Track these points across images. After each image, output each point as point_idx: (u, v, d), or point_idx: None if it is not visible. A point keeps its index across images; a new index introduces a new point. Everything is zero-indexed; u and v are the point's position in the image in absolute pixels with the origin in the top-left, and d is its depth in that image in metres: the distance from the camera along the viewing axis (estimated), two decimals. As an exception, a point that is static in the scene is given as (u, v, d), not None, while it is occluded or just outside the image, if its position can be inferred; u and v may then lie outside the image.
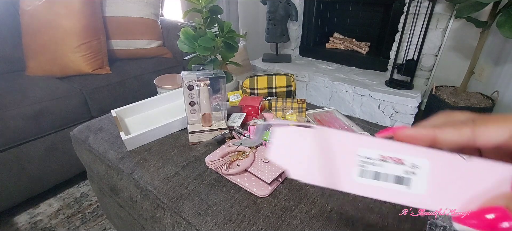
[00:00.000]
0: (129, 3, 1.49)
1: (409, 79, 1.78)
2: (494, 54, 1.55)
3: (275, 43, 2.35)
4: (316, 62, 2.33)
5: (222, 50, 1.26)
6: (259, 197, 0.56)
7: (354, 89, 1.84)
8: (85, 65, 1.28)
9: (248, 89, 0.99)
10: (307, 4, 2.27)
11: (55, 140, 1.13)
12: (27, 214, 1.13)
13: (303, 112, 0.86)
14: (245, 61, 2.12)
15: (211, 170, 0.63)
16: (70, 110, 1.16)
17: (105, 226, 1.07)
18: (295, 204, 0.54)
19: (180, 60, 1.63)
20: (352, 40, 2.28)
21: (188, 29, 1.17)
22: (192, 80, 0.72)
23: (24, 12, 1.23)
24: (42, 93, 1.11)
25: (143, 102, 0.89)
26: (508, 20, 1.18)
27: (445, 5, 1.62)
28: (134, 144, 0.72)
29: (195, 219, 0.53)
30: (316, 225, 0.50)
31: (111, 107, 0.89)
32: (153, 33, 1.58)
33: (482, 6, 1.23)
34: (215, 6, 1.21)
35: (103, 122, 0.85)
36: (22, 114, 1.03)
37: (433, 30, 1.71)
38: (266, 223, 0.51)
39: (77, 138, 0.82)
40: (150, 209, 0.60)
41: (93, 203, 1.18)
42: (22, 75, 1.26)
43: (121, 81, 1.34)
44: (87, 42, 1.28)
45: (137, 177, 0.64)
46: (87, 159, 0.79)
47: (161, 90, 1.20)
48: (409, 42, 1.74)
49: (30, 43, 1.24)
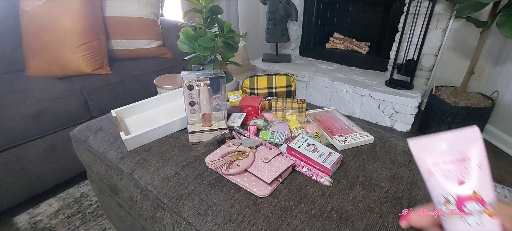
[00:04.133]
0: (129, 3, 1.49)
1: (409, 79, 1.78)
2: (494, 54, 1.55)
3: (275, 43, 2.35)
4: (316, 62, 2.33)
5: (222, 50, 1.26)
6: (259, 197, 0.56)
7: (354, 89, 1.84)
8: (85, 65, 1.28)
9: (248, 89, 0.99)
10: (307, 4, 2.27)
11: (55, 140, 1.13)
12: (27, 214, 1.13)
13: (303, 112, 0.86)
14: (245, 61, 2.12)
15: (211, 170, 0.63)
16: (70, 111, 1.16)
17: (105, 226, 1.07)
18: (295, 204, 0.54)
19: (180, 60, 1.63)
20: (352, 40, 2.28)
21: (188, 29, 1.17)
22: (192, 80, 0.72)
23: (24, 13, 1.23)
24: (42, 93, 1.11)
25: (143, 102, 0.89)
26: (508, 20, 1.18)
27: (445, 5, 1.62)
28: (134, 144, 0.72)
29: (195, 219, 0.53)
30: (316, 225, 0.50)
31: (111, 107, 0.89)
32: (153, 33, 1.58)
33: (482, 6, 1.23)
34: (215, 6, 1.21)
35: (103, 122, 0.85)
36: (22, 115, 1.02)
37: (433, 30, 1.71)
38: (266, 223, 0.51)
39: (77, 138, 0.82)
40: (150, 209, 0.60)
41: (93, 203, 1.18)
42: (22, 76, 1.26)
43: (121, 81, 1.34)
44: (87, 42, 1.28)
45: (137, 177, 0.64)
46: (87, 159, 0.79)
47: (161, 90, 1.20)
48: (409, 42, 1.75)
49: (30, 44, 1.24)
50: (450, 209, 0.23)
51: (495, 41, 1.54)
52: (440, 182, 0.24)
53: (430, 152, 0.25)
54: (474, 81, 1.66)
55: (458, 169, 0.24)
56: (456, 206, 0.23)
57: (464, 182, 0.23)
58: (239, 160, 0.62)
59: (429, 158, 0.25)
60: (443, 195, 0.24)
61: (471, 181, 0.23)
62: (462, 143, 0.24)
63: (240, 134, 0.75)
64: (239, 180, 0.59)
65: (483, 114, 1.46)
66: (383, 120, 1.80)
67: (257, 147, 0.67)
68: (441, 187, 0.24)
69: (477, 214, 0.23)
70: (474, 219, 0.23)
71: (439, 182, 0.24)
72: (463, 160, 0.24)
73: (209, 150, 0.70)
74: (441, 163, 0.24)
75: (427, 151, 0.25)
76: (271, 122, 0.82)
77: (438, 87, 1.64)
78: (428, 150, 0.25)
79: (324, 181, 0.59)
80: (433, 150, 0.25)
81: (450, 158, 0.24)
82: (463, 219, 0.23)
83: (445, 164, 0.24)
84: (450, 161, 0.24)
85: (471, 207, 0.23)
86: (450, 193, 0.24)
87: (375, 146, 0.74)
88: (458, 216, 0.23)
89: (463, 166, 0.23)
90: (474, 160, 0.23)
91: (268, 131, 0.76)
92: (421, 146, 0.25)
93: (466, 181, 0.23)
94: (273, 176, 0.57)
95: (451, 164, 0.24)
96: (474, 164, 0.23)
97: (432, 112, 1.58)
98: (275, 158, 0.63)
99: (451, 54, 1.76)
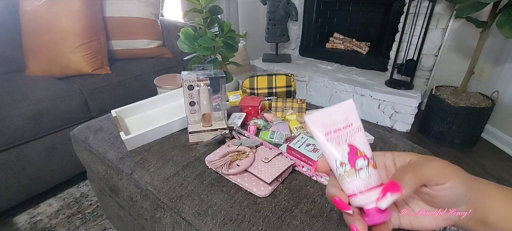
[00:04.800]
0: (129, 3, 1.49)
1: (409, 79, 1.78)
2: (494, 54, 1.55)
3: (275, 43, 2.35)
4: (316, 62, 2.33)
5: (222, 50, 1.26)
6: (259, 197, 0.56)
7: (354, 89, 1.84)
8: (85, 66, 1.28)
9: (248, 89, 0.99)
10: (307, 4, 2.27)
11: (55, 140, 1.13)
12: (27, 214, 1.13)
13: (303, 112, 0.86)
14: (245, 61, 2.12)
15: (211, 170, 0.63)
16: (70, 111, 1.16)
17: (105, 226, 1.07)
18: (295, 204, 0.54)
19: (180, 60, 1.63)
20: (352, 40, 2.28)
21: (188, 29, 1.17)
22: (192, 80, 0.72)
23: (24, 13, 1.23)
24: (42, 93, 1.11)
25: (143, 102, 0.89)
26: (508, 20, 1.18)
27: (445, 5, 1.62)
28: (134, 144, 0.72)
29: (195, 219, 0.53)
30: (316, 225, 0.50)
31: (111, 108, 0.88)
32: (153, 33, 1.58)
33: (482, 6, 1.23)
34: (215, 6, 1.21)
35: (103, 122, 0.85)
36: (22, 115, 1.02)
37: (433, 30, 1.71)
38: (266, 223, 0.51)
39: (77, 138, 0.82)
40: (150, 209, 0.60)
41: (93, 203, 1.18)
42: (22, 76, 1.26)
43: (121, 81, 1.34)
44: (87, 42, 1.28)
45: (137, 177, 0.64)
46: (87, 159, 0.79)
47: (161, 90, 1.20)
48: (409, 42, 1.75)
49: (30, 44, 1.24)
50: (346, 170, 0.27)
51: (495, 41, 1.54)
52: (334, 148, 0.28)
53: (322, 124, 0.28)
54: (474, 81, 1.66)
55: (346, 134, 0.28)
56: (350, 165, 0.27)
57: (351, 144, 0.28)
58: (239, 160, 0.62)
59: (322, 129, 0.28)
60: (338, 159, 0.28)
61: (356, 142, 0.28)
62: (345, 113, 0.28)
63: (240, 134, 0.75)
64: (239, 180, 0.59)
65: (483, 114, 1.46)
66: (383, 120, 1.80)
67: (257, 147, 0.67)
68: (335, 153, 0.28)
69: (365, 168, 0.27)
70: (364, 173, 0.27)
71: (333, 149, 0.28)
72: (348, 126, 0.28)
73: (209, 150, 0.70)
74: (332, 132, 0.28)
75: (320, 123, 0.28)
76: (271, 121, 0.82)
77: (438, 87, 1.64)
78: (321, 122, 0.28)
79: (324, 181, 0.59)
80: (325, 122, 0.28)
81: (337, 126, 0.28)
82: (357, 175, 0.27)
83: (335, 132, 0.28)
84: (339, 129, 0.28)
85: (360, 163, 0.27)
86: (343, 156, 0.28)
87: (375, 146, 0.74)
88: (354, 174, 0.27)
89: (348, 131, 0.28)
90: (355, 125, 0.28)
91: (268, 131, 0.76)
92: (315, 120, 0.28)
93: (353, 142, 0.28)
94: (273, 176, 0.57)
95: (339, 131, 0.28)
96: (355, 128, 0.28)
97: (432, 112, 1.58)
98: (275, 158, 0.63)
99: (451, 54, 1.76)
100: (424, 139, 1.65)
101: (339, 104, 0.28)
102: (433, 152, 0.77)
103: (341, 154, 0.28)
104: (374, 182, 0.28)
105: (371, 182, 0.27)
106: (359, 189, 0.27)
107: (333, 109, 0.28)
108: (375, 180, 0.28)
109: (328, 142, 0.28)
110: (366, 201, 0.27)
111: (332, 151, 0.28)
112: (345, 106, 0.28)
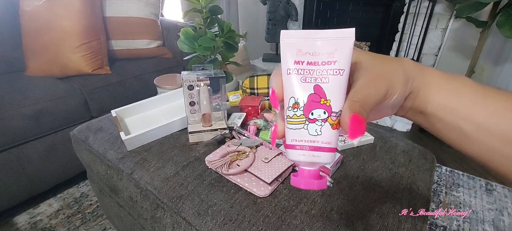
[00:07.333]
0: (129, 3, 1.49)
1: (409, 79, 1.78)
2: (494, 54, 1.55)
3: (275, 43, 2.35)
4: (316, 62, 2.33)
5: (222, 50, 1.26)
6: (259, 197, 0.56)
7: (354, 89, 1.84)
8: (85, 65, 1.28)
9: (248, 89, 0.99)
10: (307, 4, 2.27)
11: (55, 140, 1.13)
12: (27, 214, 1.13)
13: (303, 112, 0.86)
14: (245, 61, 2.12)
15: (211, 170, 0.63)
16: (70, 111, 1.16)
17: (105, 226, 1.07)
18: (295, 204, 0.54)
19: (180, 60, 1.63)
20: (352, 40, 2.28)
21: (188, 29, 1.17)
22: (192, 80, 0.72)
23: (24, 13, 1.23)
24: (42, 93, 1.11)
25: (143, 102, 0.89)
26: (508, 20, 1.18)
27: (445, 5, 1.62)
28: (134, 144, 0.72)
29: (195, 219, 0.53)
30: (316, 225, 0.50)
31: (111, 108, 0.88)
32: (153, 33, 1.58)
33: (482, 6, 1.23)
34: (215, 6, 1.21)
35: (103, 122, 0.85)
36: (22, 115, 1.02)
37: (433, 30, 1.71)
38: (266, 223, 0.51)
39: (77, 138, 0.82)
40: (150, 209, 0.60)
41: (93, 203, 1.18)
42: (22, 76, 1.26)
43: (121, 81, 1.34)
44: (87, 42, 1.28)
45: (137, 177, 0.64)
46: (87, 159, 0.79)
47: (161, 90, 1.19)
48: (409, 42, 1.75)
49: (30, 44, 1.24)
50: (296, 114, 0.22)
51: (495, 41, 1.54)
52: (296, 83, 0.22)
53: (298, 48, 0.22)
54: (474, 81, 1.66)
55: (320, 73, 0.22)
56: (303, 112, 0.22)
57: (319, 87, 0.22)
58: (239, 160, 0.62)
59: (294, 55, 0.22)
60: (295, 98, 0.23)
61: (327, 86, 0.22)
62: (335, 43, 0.22)
63: (240, 134, 0.75)
64: (239, 180, 0.59)
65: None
66: (383, 120, 1.80)
67: (257, 147, 0.67)
68: (295, 89, 0.23)
69: (320, 122, 0.22)
70: (314, 126, 0.22)
71: (295, 84, 0.23)
72: (328, 63, 0.22)
73: (209, 150, 0.70)
74: (305, 63, 0.22)
75: (295, 47, 0.22)
76: (271, 121, 0.82)
77: (438, 87, 1.64)
78: (296, 46, 0.22)
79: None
80: (302, 47, 0.22)
81: (315, 59, 0.22)
82: (305, 126, 0.22)
83: (309, 64, 0.22)
84: (315, 62, 0.22)
85: (316, 113, 0.22)
86: (302, 96, 0.22)
87: (375, 146, 0.74)
88: (302, 123, 0.22)
89: (324, 69, 0.22)
90: (338, 65, 0.22)
91: (268, 131, 0.76)
92: (291, 39, 0.23)
93: (322, 86, 0.22)
94: (273, 176, 0.57)
95: (314, 65, 0.22)
96: (336, 69, 0.22)
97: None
98: (275, 158, 0.63)
99: (451, 54, 1.76)
100: (424, 138, 1.65)
101: (336, 30, 0.22)
102: (433, 152, 0.77)
103: (300, 94, 0.22)
104: (322, 144, 0.22)
105: (318, 142, 0.22)
106: (299, 142, 0.22)
107: (321, 34, 0.22)
108: (325, 142, 0.22)
109: (291, 74, 0.23)
110: (301, 159, 0.23)
111: (291, 85, 0.23)
112: (340, 36, 0.21)
